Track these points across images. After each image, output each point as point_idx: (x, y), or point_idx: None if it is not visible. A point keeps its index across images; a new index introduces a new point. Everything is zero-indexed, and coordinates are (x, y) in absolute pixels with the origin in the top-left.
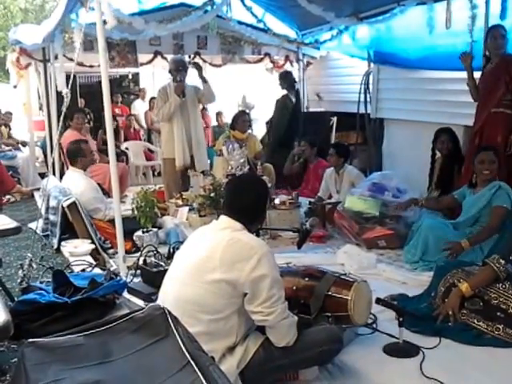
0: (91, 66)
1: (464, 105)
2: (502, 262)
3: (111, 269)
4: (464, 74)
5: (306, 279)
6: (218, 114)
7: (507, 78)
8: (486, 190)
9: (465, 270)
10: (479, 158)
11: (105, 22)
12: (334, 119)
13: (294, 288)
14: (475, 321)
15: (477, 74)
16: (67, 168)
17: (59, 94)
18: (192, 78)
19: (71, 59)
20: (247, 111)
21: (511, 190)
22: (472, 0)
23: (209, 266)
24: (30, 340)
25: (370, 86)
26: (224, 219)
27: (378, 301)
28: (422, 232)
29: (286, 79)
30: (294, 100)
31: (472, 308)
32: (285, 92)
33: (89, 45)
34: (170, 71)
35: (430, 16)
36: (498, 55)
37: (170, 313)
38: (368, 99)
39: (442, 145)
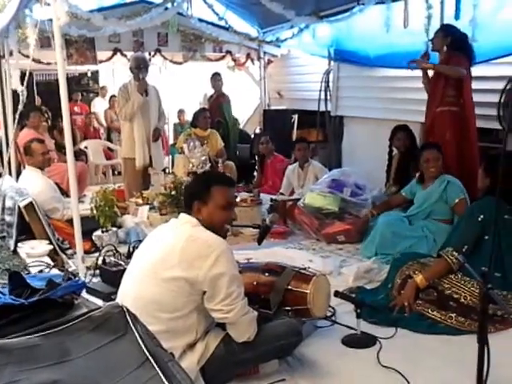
0: (48, 64)
1: (420, 102)
2: (455, 253)
3: (70, 269)
4: (419, 72)
5: (266, 274)
6: (180, 112)
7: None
8: (435, 186)
9: (420, 261)
10: (424, 157)
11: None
12: (295, 117)
13: (255, 283)
14: (429, 310)
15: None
16: (24, 167)
17: (15, 92)
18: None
19: (27, 56)
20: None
21: (458, 180)
22: (428, 0)
23: (167, 263)
24: None
25: (331, 84)
26: (182, 216)
27: (337, 294)
28: (379, 228)
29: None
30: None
31: (426, 298)
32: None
33: (46, 41)
34: (130, 69)
35: (388, 15)
36: (444, 53)
37: (128, 310)
38: (328, 97)
39: (399, 142)
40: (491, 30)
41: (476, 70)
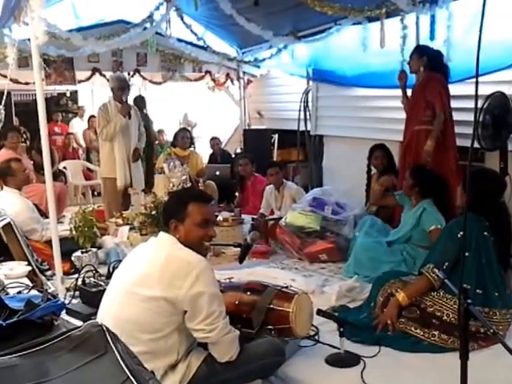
0: (27, 83)
1: (397, 121)
2: (436, 270)
3: (49, 290)
4: (397, 92)
5: (248, 293)
6: (159, 132)
7: (426, 95)
8: (413, 212)
9: (402, 279)
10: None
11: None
12: (276, 136)
13: (237, 302)
14: (412, 328)
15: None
16: (1, 188)
17: None
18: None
19: (4, 76)
20: (189, 128)
21: (434, 208)
22: (403, 21)
23: (147, 283)
24: None
25: (310, 104)
26: (161, 235)
27: (319, 312)
28: (356, 252)
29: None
30: None
31: (409, 316)
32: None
33: (23, 61)
34: (112, 89)
35: (365, 35)
36: (422, 74)
37: (108, 329)
38: (308, 116)
39: (376, 160)
40: (465, 50)
41: (454, 89)
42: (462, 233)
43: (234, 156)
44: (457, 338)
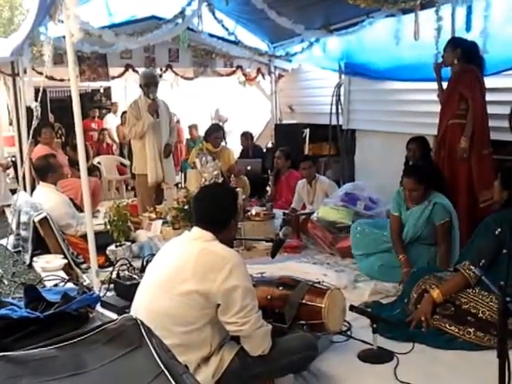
0: (62, 80)
1: (432, 115)
2: (472, 267)
3: (84, 283)
4: (431, 85)
5: (280, 288)
6: (191, 127)
7: (459, 88)
8: (423, 207)
9: (436, 275)
10: (403, 183)
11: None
12: (307, 131)
13: (269, 297)
14: (447, 325)
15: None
16: (38, 183)
17: (29, 109)
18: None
19: (40, 73)
20: (221, 124)
21: (444, 197)
22: (438, 12)
23: (180, 277)
24: (1, 354)
25: (342, 98)
26: (195, 230)
27: (352, 308)
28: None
29: None
30: None
31: (444, 313)
32: None
33: (59, 58)
34: (140, 86)
35: (398, 28)
36: (456, 67)
37: (142, 323)
38: (340, 111)
39: (409, 152)
40: (503, 41)
41: (490, 82)
42: (499, 229)
43: (265, 151)
44: (493, 335)
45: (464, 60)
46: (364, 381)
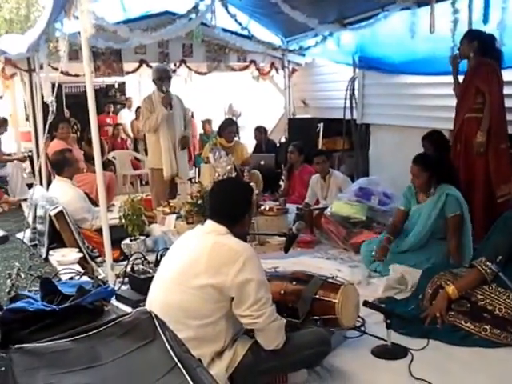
0: (77, 76)
1: (447, 109)
2: (489, 264)
3: (99, 277)
4: (446, 78)
5: (294, 283)
6: (205, 122)
7: (476, 82)
8: (435, 200)
9: (452, 271)
10: (410, 170)
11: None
12: (321, 125)
13: (282, 292)
14: (462, 322)
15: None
16: (54, 177)
17: (45, 104)
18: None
19: (56, 69)
20: (234, 118)
21: (455, 189)
22: (454, 4)
23: (194, 270)
24: (18, 346)
25: (356, 92)
26: (208, 223)
27: (366, 303)
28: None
29: None
30: None
31: (459, 309)
32: None
33: (74, 54)
34: (153, 80)
35: (413, 21)
36: (472, 60)
37: (156, 316)
38: (354, 105)
39: (424, 148)
40: None
41: (506, 75)
42: None
43: (278, 145)
44: (510, 333)
45: (481, 53)
46: (378, 377)
